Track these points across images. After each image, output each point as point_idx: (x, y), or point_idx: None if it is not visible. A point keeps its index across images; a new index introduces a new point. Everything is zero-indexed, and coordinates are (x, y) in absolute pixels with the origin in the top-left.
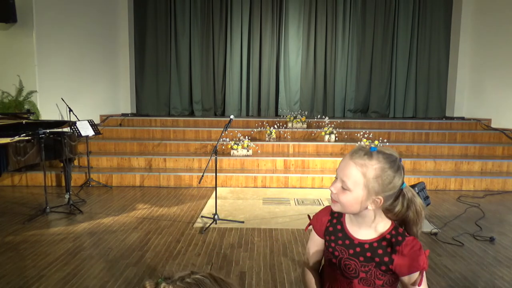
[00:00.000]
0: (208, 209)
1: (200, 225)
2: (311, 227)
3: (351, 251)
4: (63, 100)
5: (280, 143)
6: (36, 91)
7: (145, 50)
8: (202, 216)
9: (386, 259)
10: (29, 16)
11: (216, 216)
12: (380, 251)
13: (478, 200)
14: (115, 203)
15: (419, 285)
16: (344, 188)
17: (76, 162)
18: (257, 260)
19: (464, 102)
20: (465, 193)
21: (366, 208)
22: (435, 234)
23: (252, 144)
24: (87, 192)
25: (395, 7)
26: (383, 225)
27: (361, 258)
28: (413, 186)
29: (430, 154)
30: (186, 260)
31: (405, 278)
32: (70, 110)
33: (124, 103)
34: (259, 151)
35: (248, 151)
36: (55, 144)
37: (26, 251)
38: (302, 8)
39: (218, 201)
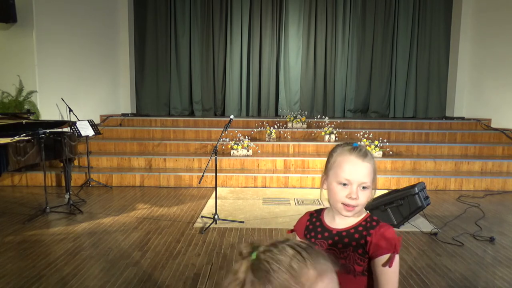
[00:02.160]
0: (208, 209)
1: (200, 225)
2: (293, 233)
3: (330, 242)
4: (63, 100)
5: (280, 143)
6: (36, 91)
7: (145, 50)
8: (202, 216)
9: (362, 241)
10: (29, 16)
11: (216, 216)
12: (356, 236)
13: (478, 200)
14: (115, 203)
15: (389, 266)
16: (365, 187)
17: (76, 162)
18: None
19: (464, 102)
20: (465, 193)
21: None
22: (435, 234)
23: (252, 144)
24: (87, 192)
25: (395, 7)
26: (359, 213)
27: (340, 246)
28: (413, 186)
29: (430, 154)
30: (186, 260)
31: (378, 260)
32: (70, 110)
33: (124, 103)
34: (259, 151)
35: (248, 151)
36: (55, 144)
37: (26, 251)
38: (302, 8)
39: (218, 201)
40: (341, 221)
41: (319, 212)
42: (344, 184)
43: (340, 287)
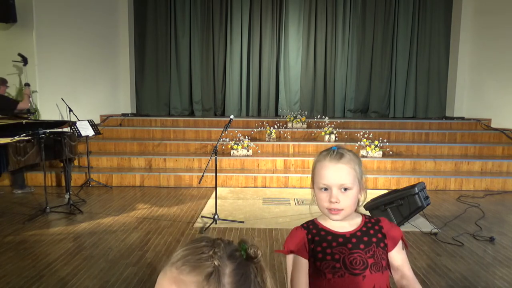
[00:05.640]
0: (208, 209)
1: (200, 225)
2: (291, 255)
3: (349, 246)
4: (63, 100)
5: (280, 143)
6: (36, 91)
7: (145, 50)
8: (202, 216)
9: (379, 235)
10: (29, 16)
11: (216, 216)
12: (371, 232)
13: (478, 200)
14: (115, 203)
15: (407, 248)
16: (347, 189)
17: (76, 162)
18: None
19: (464, 102)
20: (465, 193)
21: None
22: (435, 234)
23: (252, 144)
24: (87, 192)
25: (395, 7)
26: (355, 215)
27: (361, 246)
28: (413, 186)
29: (430, 154)
30: None
31: (396, 248)
32: (70, 110)
33: (124, 103)
34: (259, 151)
35: (248, 151)
36: (55, 144)
37: (26, 251)
38: (302, 8)
39: (218, 201)
40: (346, 224)
41: (313, 223)
42: (325, 189)
43: (375, 287)
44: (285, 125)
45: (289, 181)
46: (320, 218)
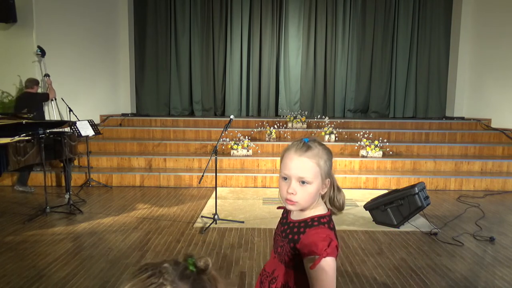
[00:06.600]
0: (208, 209)
1: (200, 225)
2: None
3: (281, 228)
4: (63, 100)
5: (280, 143)
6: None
7: (145, 50)
8: (202, 216)
9: (295, 237)
10: (29, 16)
11: (216, 216)
12: (295, 230)
13: (478, 200)
14: (115, 203)
15: (311, 268)
16: (305, 182)
17: (76, 162)
18: (257, 260)
19: (464, 102)
20: (465, 193)
21: (320, 195)
22: (435, 234)
23: (252, 144)
24: (87, 192)
25: (395, 7)
26: (317, 211)
27: (283, 235)
28: (413, 186)
29: (430, 154)
30: None
31: (306, 259)
32: (70, 110)
33: (124, 103)
34: (259, 151)
35: (248, 151)
36: (55, 144)
37: (26, 251)
38: (302, 8)
39: (218, 201)
40: (296, 214)
41: None
42: (285, 179)
43: (275, 272)
44: (285, 125)
45: None
46: None
